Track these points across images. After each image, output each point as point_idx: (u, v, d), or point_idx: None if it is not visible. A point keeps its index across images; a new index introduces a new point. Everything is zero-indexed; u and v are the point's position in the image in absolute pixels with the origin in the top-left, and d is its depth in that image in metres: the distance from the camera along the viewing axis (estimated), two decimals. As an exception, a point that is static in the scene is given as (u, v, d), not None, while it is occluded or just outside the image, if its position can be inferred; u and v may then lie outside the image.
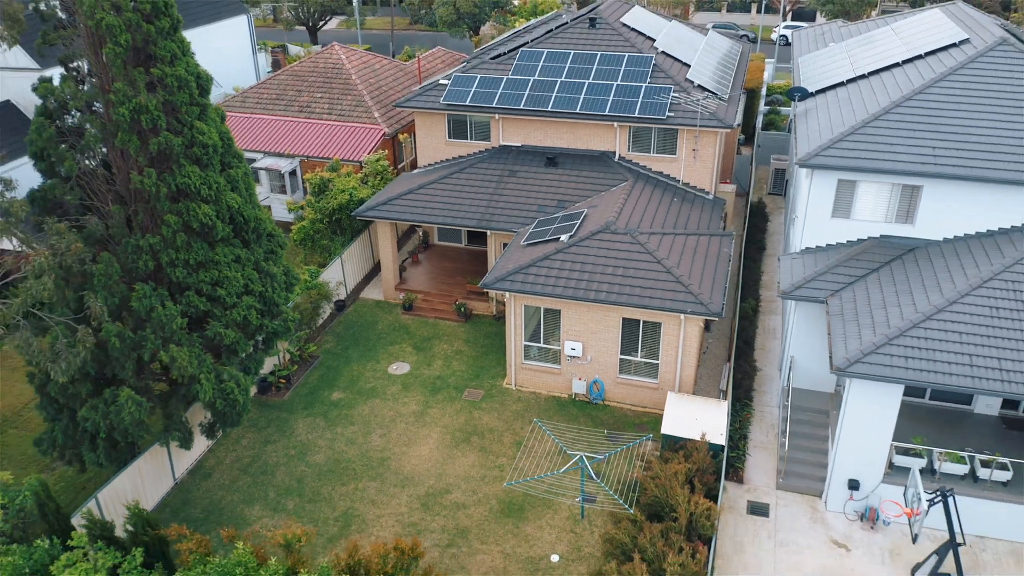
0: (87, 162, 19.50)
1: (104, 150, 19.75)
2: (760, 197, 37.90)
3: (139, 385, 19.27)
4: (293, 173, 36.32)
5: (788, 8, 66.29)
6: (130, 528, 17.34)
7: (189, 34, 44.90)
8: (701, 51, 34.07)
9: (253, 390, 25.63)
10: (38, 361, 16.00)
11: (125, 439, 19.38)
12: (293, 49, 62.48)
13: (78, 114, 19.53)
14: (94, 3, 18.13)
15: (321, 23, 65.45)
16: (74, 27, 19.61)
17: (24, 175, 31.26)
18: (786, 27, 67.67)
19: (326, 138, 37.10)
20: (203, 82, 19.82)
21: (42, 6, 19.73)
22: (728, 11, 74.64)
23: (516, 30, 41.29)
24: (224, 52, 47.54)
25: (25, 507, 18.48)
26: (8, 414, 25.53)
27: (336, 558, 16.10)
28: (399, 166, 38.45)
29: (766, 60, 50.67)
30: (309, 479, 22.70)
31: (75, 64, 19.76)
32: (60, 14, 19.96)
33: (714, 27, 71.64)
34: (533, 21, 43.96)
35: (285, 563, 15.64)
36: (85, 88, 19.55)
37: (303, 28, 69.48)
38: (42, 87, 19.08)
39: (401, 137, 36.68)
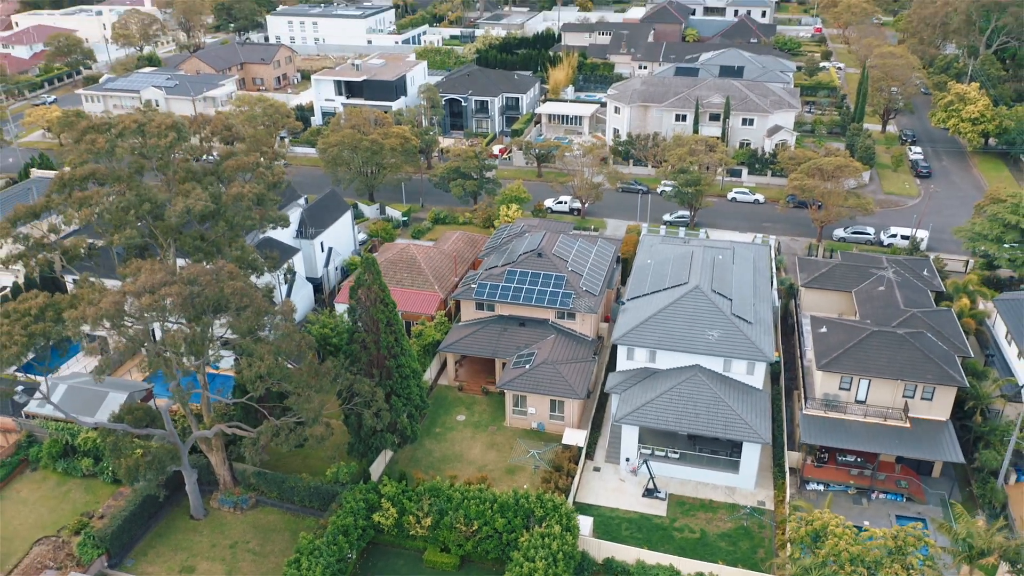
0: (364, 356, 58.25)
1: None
2: (623, 324, 77.22)
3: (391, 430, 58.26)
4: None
5: (672, 167, 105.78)
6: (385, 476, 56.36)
7: (331, 229, 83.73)
8: (590, 263, 73.51)
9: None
10: (371, 423, 54.52)
11: (380, 450, 58.24)
12: (361, 206, 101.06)
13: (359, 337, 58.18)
14: (374, 309, 56.87)
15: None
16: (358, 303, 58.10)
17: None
18: (665, 184, 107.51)
19: (411, 299, 75.99)
20: (402, 327, 58.63)
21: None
22: (633, 165, 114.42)
23: (501, 234, 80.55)
24: (341, 234, 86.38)
25: (353, 472, 57.52)
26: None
27: (463, 481, 55.17)
28: (447, 308, 77.49)
29: (642, 225, 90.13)
30: (435, 463, 61.57)
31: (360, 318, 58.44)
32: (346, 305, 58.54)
33: (621, 184, 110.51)
34: (507, 227, 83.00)
35: (460, 486, 54.57)
36: (363, 329, 58.22)
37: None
38: (356, 342, 57.67)
39: (448, 300, 75.79)
